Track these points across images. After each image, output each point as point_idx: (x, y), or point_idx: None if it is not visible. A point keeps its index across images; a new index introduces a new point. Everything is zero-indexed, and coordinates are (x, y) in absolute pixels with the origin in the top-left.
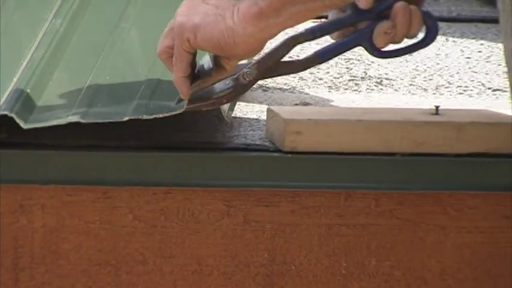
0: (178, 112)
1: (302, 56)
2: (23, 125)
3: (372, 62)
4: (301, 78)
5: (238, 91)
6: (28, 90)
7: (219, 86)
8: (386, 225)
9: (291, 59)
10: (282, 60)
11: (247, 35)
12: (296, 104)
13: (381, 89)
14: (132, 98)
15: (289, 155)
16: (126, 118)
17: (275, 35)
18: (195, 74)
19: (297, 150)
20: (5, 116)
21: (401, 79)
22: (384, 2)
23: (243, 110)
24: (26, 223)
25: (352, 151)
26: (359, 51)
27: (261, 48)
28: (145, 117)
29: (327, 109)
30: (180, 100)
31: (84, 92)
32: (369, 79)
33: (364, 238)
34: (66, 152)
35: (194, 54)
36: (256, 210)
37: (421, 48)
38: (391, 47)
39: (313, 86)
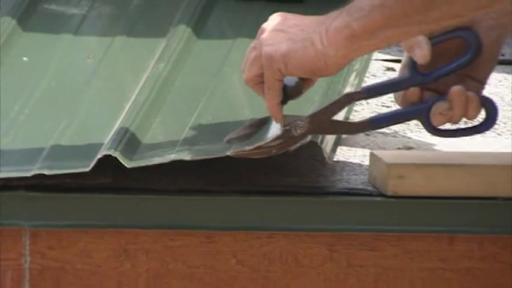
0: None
1: (357, 119)
2: (127, 164)
3: None
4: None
5: (289, 143)
6: (132, 131)
7: (270, 135)
8: (489, 269)
9: (345, 120)
10: (337, 119)
11: (339, 57)
12: (399, 148)
13: (484, 133)
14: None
15: (392, 199)
16: (228, 153)
17: (367, 54)
18: (284, 93)
19: (400, 195)
20: (110, 159)
21: (504, 123)
22: (442, 68)
23: (346, 154)
24: (130, 268)
25: (455, 195)
26: None
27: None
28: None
29: (429, 153)
30: (228, 142)
31: (187, 131)
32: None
33: (467, 282)
34: (169, 197)
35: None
36: (359, 254)
37: (478, 133)
38: (448, 126)
39: (416, 130)
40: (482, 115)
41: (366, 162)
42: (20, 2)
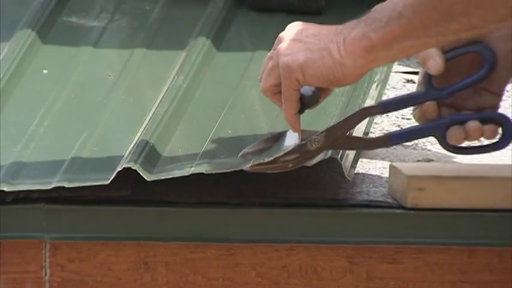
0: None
1: (373, 135)
2: (147, 177)
3: None
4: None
5: (305, 157)
6: (152, 144)
7: (285, 149)
8: (509, 282)
9: (362, 136)
10: (353, 135)
11: (357, 67)
12: (418, 161)
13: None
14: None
15: (412, 212)
16: (245, 167)
17: (385, 64)
18: (301, 103)
19: (420, 207)
20: (130, 171)
21: None
22: (457, 83)
23: (366, 166)
24: (150, 280)
25: (475, 207)
26: None
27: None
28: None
29: (449, 165)
30: (243, 156)
31: (207, 145)
32: None
33: None
34: (189, 209)
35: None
36: (379, 267)
37: (495, 150)
38: (465, 144)
39: (436, 143)
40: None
41: (386, 174)
42: (39, 14)
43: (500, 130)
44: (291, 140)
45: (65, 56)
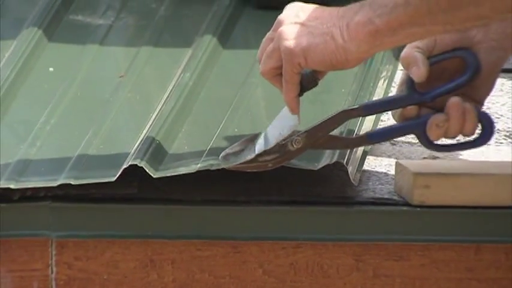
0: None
1: (353, 135)
2: (153, 174)
3: (501, 115)
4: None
5: (285, 157)
6: (158, 141)
7: (265, 149)
8: None
9: (341, 136)
10: (333, 134)
11: (360, 52)
12: (425, 158)
13: (510, 142)
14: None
15: (418, 209)
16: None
17: (389, 49)
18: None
19: (426, 204)
20: (136, 169)
21: None
22: (440, 88)
23: (372, 164)
24: (157, 278)
25: (482, 205)
26: (487, 104)
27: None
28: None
29: (455, 163)
30: (224, 157)
31: (213, 142)
32: (498, 132)
33: None
34: (195, 207)
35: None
36: (385, 264)
37: (474, 147)
38: (444, 141)
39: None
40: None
41: (392, 171)
42: (45, 12)
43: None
44: (263, 141)
45: (71, 54)
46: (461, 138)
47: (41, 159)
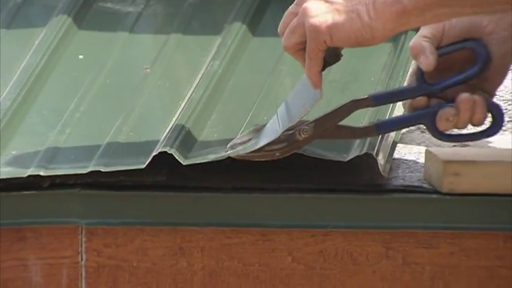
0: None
1: (361, 125)
2: (182, 161)
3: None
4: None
5: (293, 146)
6: (187, 129)
7: (273, 138)
8: None
9: (349, 125)
10: (341, 124)
11: (387, 30)
12: (454, 146)
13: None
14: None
15: (448, 197)
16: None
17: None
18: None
19: (456, 192)
20: (165, 157)
21: None
22: (450, 79)
23: (401, 151)
24: (186, 265)
25: (511, 192)
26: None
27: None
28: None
29: (485, 150)
30: (232, 147)
31: (243, 130)
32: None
33: None
34: (224, 195)
35: None
36: (415, 252)
37: (484, 137)
38: (454, 131)
39: (471, 128)
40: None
41: (422, 159)
42: (75, 0)
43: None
44: (272, 130)
45: (101, 42)
46: (471, 128)
47: (71, 146)
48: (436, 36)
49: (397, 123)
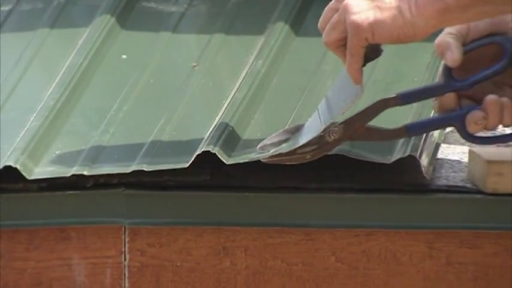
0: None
1: (391, 127)
2: (226, 161)
3: None
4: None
5: (323, 149)
6: (231, 128)
7: (303, 141)
8: None
9: (380, 127)
10: (370, 126)
11: (429, 27)
12: (498, 146)
13: None
14: None
15: (491, 197)
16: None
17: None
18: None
19: (499, 192)
20: (207, 157)
21: None
22: (477, 74)
23: (445, 151)
24: (229, 265)
25: None
26: None
27: None
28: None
29: None
30: (262, 148)
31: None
32: None
33: None
34: (268, 195)
35: None
36: (459, 252)
37: None
38: (485, 133)
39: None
40: None
41: (465, 159)
42: (118, 0)
43: None
44: (309, 131)
45: (144, 41)
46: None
47: (114, 145)
48: (462, 32)
49: (427, 126)
